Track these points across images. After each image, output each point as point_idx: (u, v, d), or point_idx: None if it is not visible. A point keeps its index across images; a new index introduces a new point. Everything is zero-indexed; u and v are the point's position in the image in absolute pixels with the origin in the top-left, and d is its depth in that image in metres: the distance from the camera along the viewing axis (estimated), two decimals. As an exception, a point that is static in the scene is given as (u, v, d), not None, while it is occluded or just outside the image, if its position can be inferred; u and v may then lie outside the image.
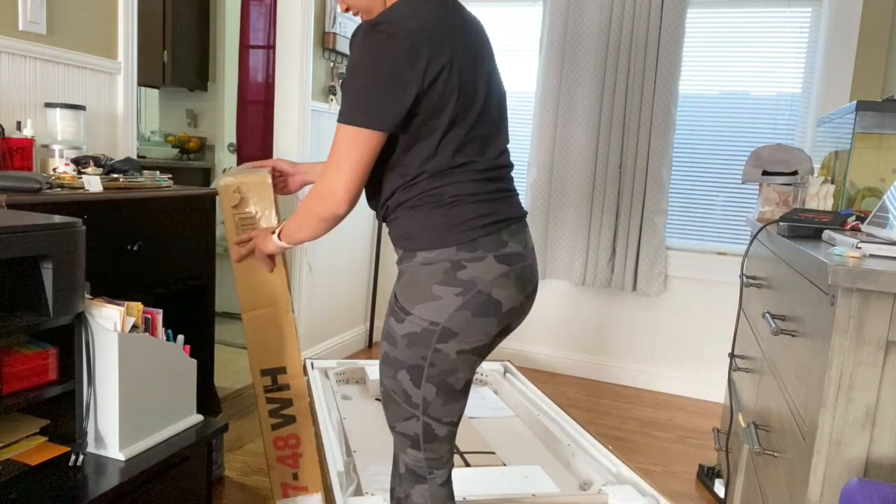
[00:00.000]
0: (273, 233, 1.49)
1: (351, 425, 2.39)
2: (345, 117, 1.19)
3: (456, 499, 1.57)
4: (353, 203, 1.24)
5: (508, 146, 1.36)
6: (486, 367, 2.98)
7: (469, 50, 1.25)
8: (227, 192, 1.62)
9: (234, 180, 1.62)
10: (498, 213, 1.27)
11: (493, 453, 2.24)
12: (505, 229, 1.27)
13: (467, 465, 2.13)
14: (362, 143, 1.19)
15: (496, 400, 2.86)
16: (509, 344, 3.52)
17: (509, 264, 1.25)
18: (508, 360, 3.13)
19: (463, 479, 1.98)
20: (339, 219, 1.27)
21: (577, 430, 2.37)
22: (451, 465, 1.39)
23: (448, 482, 1.38)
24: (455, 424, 1.35)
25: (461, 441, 2.25)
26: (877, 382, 0.97)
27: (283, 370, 1.69)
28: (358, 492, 1.86)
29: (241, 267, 1.65)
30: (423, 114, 1.20)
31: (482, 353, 1.29)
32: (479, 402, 2.79)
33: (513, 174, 1.36)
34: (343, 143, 1.20)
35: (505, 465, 2.15)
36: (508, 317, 1.28)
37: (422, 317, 1.24)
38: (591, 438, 2.30)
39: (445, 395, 1.28)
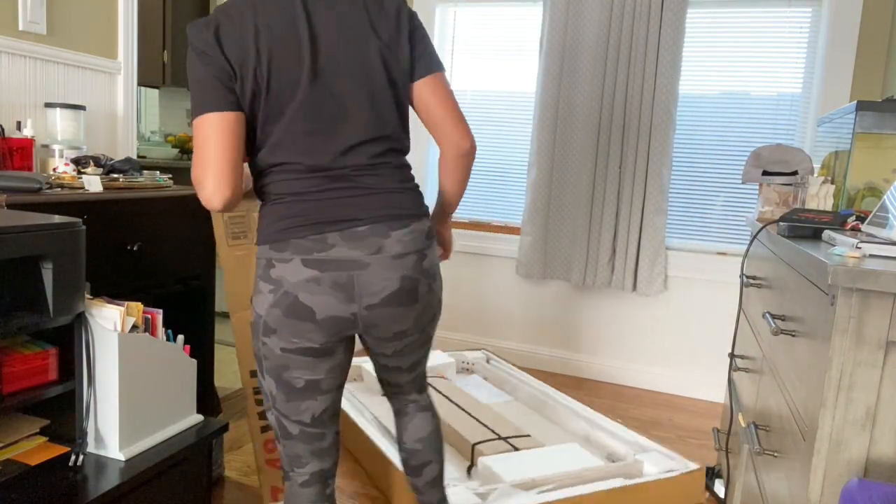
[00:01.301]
0: None
1: (389, 422, 2.44)
2: (193, 108, 1.20)
3: (533, 478, 1.69)
4: (225, 196, 1.18)
5: (391, 141, 1.26)
6: (470, 356, 3.13)
7: (294, 38, 1.17)
8: None
9: None
10: (329, 214, 1.19)
11: (528, 436, 2.32)
12: (337, 231, 1.18)
13: (515, 448, 2.21)
14: (214, 130, 1.17)
15: (490, 386, 2.98)
16: (509, 344, 3.52)
17: (321, 269, 1.17)
18: (507, 359, 3.14)
19: (524, 462, 2.09)
20: (220, 212, 1.23)
21: (581, 407, 2.59)
22: (321, 471, 1.33)
23: (311, 484, 1.32)
24: (308, 426, 1.28)
25: (498, 427, 2.32)
26: (877, 382, 0.97)
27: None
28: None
29: (229, 266, 1.65)
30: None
31: (318, 355, 1.22)
32: (475, 390, 2.89)
33: (407, 172, 1.29)
34: (196, 135, 1.20)
35: (545, 445, 2.25)
36: (339, 325, 1.20)
37: (254, 307, 1.24)
38: (597, 414, 2.52)
39: (286, 391, 1.26)
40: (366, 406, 2.56)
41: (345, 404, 2.46)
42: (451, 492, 1.87)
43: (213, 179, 1.15)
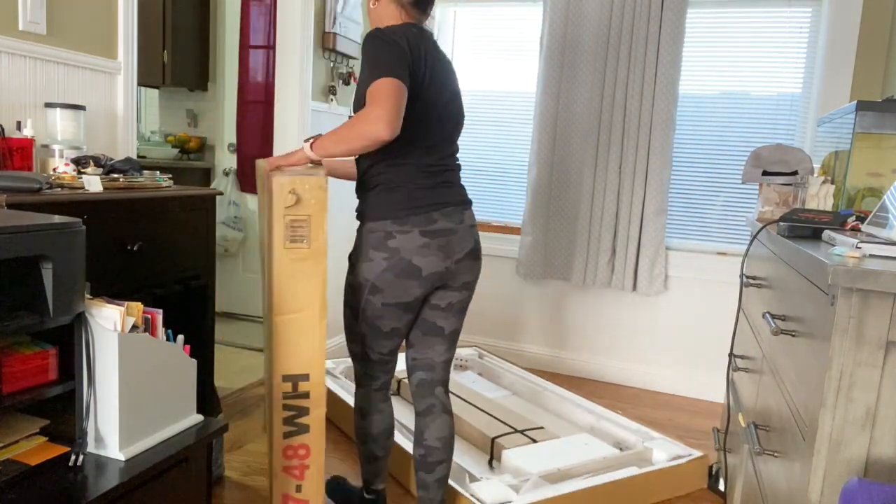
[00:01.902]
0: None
1: (405, 420, 2.48)
2: (379, 73, 1.48)
3: (558, 468, 2.02)
4: (393, 129, 1.46)
5: (458, 153, 1.75)
6: (463, 354, 3.23)
7: (440, 68, 1.63)
8: (282, 192, 1.55)
9: (291, 180, 1.56)
10: (435, 198, 1.64)
11: (542, 427, 2.40)
12: (437, 210, 1.63)
13: (533, 441, 2.29)
14: (396, 87, 1.47)
15: (486, 382, 3.03)
16: (509, 344, 3.52)
17: (432, 237, 1.62)
18: (507, 359, 3.16)
19: (545, 453, 2.17)
20: (379, 143, 1.48)
21: (578, 398, 2.70)
22: (387, 381, 1.84)
23: (381, 391, 1.84)
24: (385, 356, 1.78)
25: (511, 420, 2.43)
26: (877, 382, 0.97)
27: (306, 377, 1.64)
28: (473, 479, 2.02)
29: (281, 269, 1.59)
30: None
31: (409, 308, 1.69)
32: (472, 386, 2.93)
33: (460, 173, 1.75)
34: (381, 88, 1.47)
35: (559, 436, 2.34)
36: (433, 278, 1.65)
37: (362, 273, 1.65)
38: (595, 405, 2.62)
39: (375, 334, 1.72)
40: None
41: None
42: (484, 485, 1.94)
43: (392, 117, 1.46)
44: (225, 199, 3.89)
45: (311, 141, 1.60)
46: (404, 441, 2.22)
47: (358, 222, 1.70)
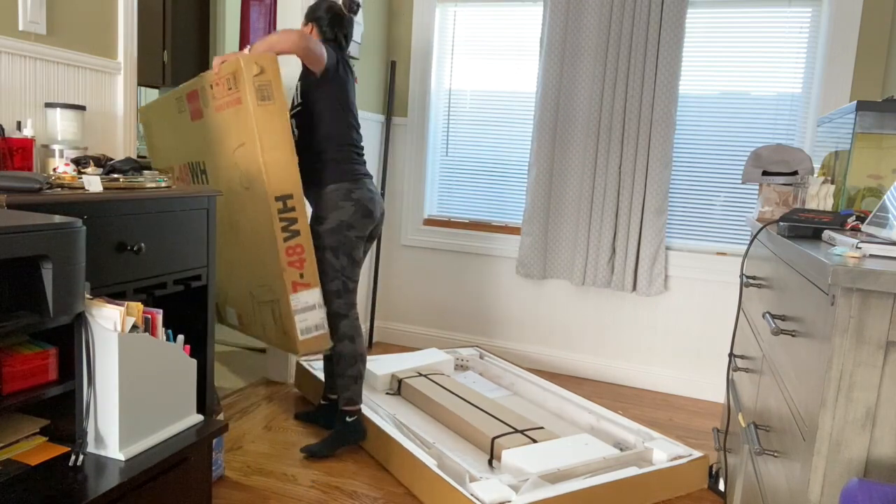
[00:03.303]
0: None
1: (405, 420, 2.52)
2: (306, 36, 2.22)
3: (558, 468, 2.09)
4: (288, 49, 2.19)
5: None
6: (463, 354, 3.27)
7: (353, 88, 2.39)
8: (249, 65, 2.09)
9: (253, 56, 2.11)
10: (365, 170, 2.40)
11: (542, 428, 2.39)
12: (369, 178, 2.38)
13: (533, 441, 2.28)
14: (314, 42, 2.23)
15: (487, 382, 3.05)
16: (509, 344, 3.52)
17: (373, 194, 2.36)
18: (507, 359, 3.15)
19: (545, 453, 2.17)
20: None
21: (578, 398, 2.72)
22: (356, 306, 2.39)
23: (357, 318, 2.37)
24: (356, 282, 2.37)
25: (511, 420, 2.44)
26: (877, 382, 0.97)
27: (290, 196, 2.19)
28: (472, 478, 2.02)
29: (259, 121, 2.15)
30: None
31: (369, 239, 2.44)
32: (472, 386, 2.92)
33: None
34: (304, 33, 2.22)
35: (559, 436, 2.33)
36: (374, 221, 2.37)
37: (334, 217, 2.30)
38: (595, 405, 2.64)
39: (352, 263, 2.33)
40: (378, 404, 2.58)
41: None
42: (483, 484, 1.94)
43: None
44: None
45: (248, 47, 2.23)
46: (405, 441, 2.22)
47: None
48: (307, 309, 2.35)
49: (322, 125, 2.32)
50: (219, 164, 2.38)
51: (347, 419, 2.34)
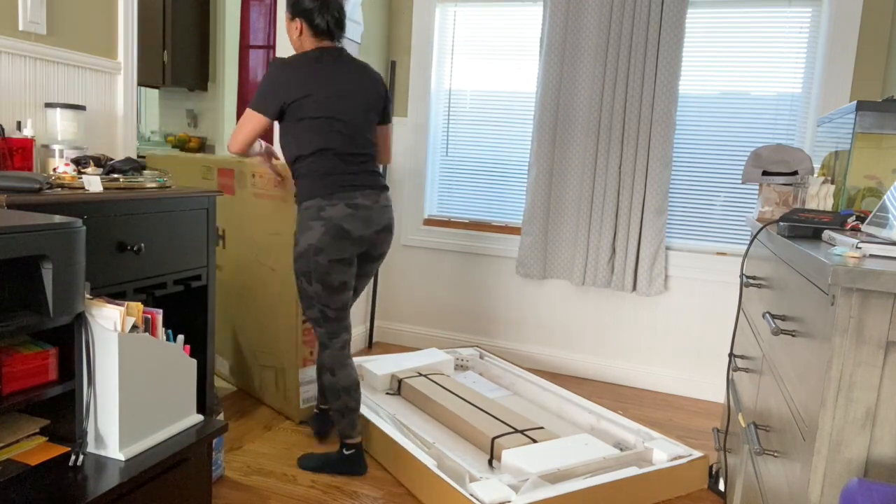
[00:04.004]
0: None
1: (405, 420, 2.51)
2: (251, 102, 2.07)
3: (558, 468, 2.08)
4: (239, 149, 2.09)
5: (370, 147, 2.16)
6: (464, 354, 3.26)
7: (330, 83, 2.06)
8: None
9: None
10: (354, 180, 2.08)
11: (542, 428, 2.39)
12: (359, 191, 2.08)
13: (533, 441, 2.28)
14: (253, 116, 2.06)
15: (487, 382, 3.06)
16: (509, 344, 3.52)
17: (356, 209, 2.07)
18: (507, 359, 3.15)
19: (545, 453, 2.17)
20: (235, 155, 2.14)
21: (578, 398, 2.72)
22: (346, 338, 2.18)
23: (344, 349, 2.17)
24: (339, 311, 2.14)
25: (511, 420, 2.43)
26: (877, 382, 0.97)
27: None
28: (472, 478, 2.02)
29: (261, 211, 2.59)
30: (290, 115, 2.07)
31: (347, 264, 2.10)
32: (472, 386, 2.93)
33: (372, 161, 2.16)
34: (244, 116, 2.08)
35: (559, 436, 2.32)
36: (361, 241, 2.10)
37: (303, 240, 2.07)
38: (595, 405, 2.64)
39: (327, 291, 2.10)
40: (378, 404, 2.58)
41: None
42: (483, 484, 1.94)
43: (240, 147, 2.15)
44: (225, 199, 3.90)
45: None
46: (405, 441, 2.22)
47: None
48: (311, 382, 2.58)
49: (286, 142, 2.12)
50: (243, 236, 2.71)
51: (345, 451, 2.19)
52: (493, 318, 3.55)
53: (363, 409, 2.46)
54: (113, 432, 1.40)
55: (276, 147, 2.75)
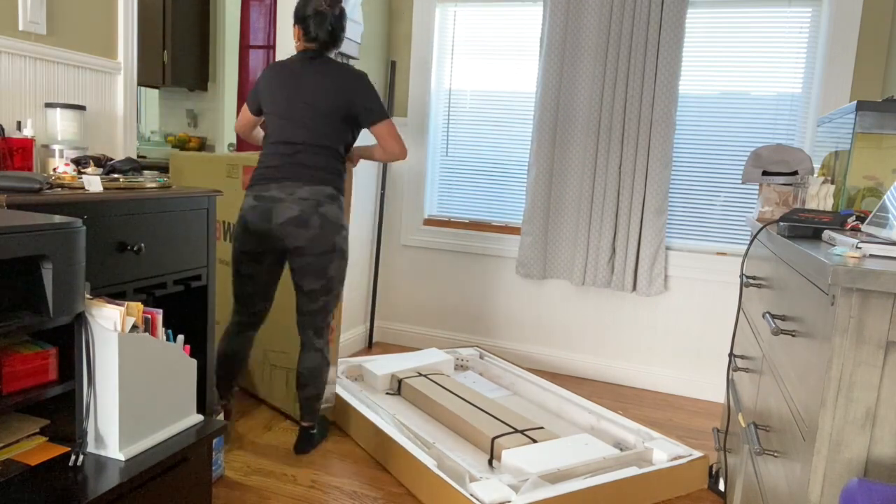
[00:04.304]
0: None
1: (405, 420, 2.52)
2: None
3: (558, 468, 2.08)
4: (240, 133, 2.44)
5: (312, 140, 2.18)
6: (463, 354, 3.26)
7: (287, 85, 2.20)
8: None
9: None
10: (274, 172, 2.15)
11: (542, 428, 2.39)
12: (275, 182, 2.14)
13: (533, 441, 2.28)
14: (244, 111, 2.38)
15: (487, 382, 3.06)
16: (509, 344, 3.52)
17: (260, 201, 2.15)
18: (507, 359, 3.15)
19: (545, 453, 2.17)
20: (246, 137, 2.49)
21: (577, 398, 2.72)
22: (242, 323, 2.31)
23: (235, 325, 2.32)
24: (240, 296, 2.28)
25: (511, 420, 2.44)
26: (877, 382, 0.97)
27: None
28: (472, 478, 2.02)
29: None
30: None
31: (251, 257, 2.20)
32: (472, 386, 2.94)
33: (309, 154, 2.17)
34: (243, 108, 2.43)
35: (559, 436, 2.33)
36: (264, 235, 2.16)
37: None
38: (595, 405, 2.65)
39: (234, 275, 2.26)
40: (378, 404, 2.59)
41: (358, 404, 2.53)
42: (483, 484, 1.94)
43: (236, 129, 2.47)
44: (225, 199, 3.90)
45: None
46: (405, 441, 2.22)
47: None
48: (328, 383, 2.56)
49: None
50: None
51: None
52: (493, 318, 3.55)
53: (363, 409, 2.47)
54: (113, 432, 1.40)
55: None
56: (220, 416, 2.31)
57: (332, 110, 2.18)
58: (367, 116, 2.25)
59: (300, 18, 2.22)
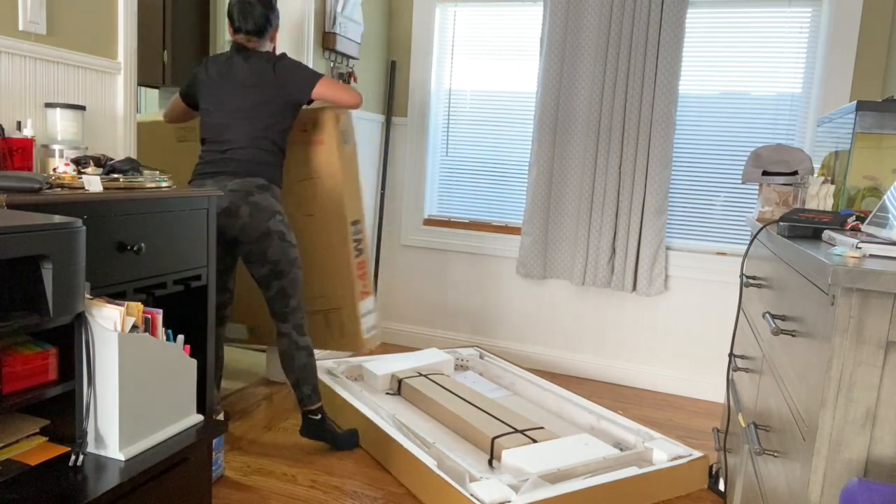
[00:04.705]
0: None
1: (405, 420, 2.51)
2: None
3: (558, 468, 2.08)
4: (167, 118, 2.57)
5: (241, 135, 2.26)
6: (463, 354, 3.28)
7: (216, 82, 2.30)
8: (331, 114, 2.49)
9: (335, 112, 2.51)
10: (211, 167, 2.26)
11: (542, 428, 2.39)
12: (210, 177, 2.24)
13: (533, 441, 2.28)
14: (175, 97, 2.50)
15: (487, 382, 3.07)
16: (509, 344, 3.52)
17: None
18: (507, 359, 3.15)
19: (545, 453, 2.17)
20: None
21: (577, 398, 2.72)
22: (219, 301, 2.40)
23: (217, 312, 2.37)
24: (215, 275, 2.23)
25: (511, 420, 2.43)
26: (877, 382, 0.97)
27: (358, 221, 2.60)
28: (472, 478, 2.02)
29: (342, 162, 2.53)
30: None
31: (226, 243, 2.31)
32: (472, 386, 2.94)
33: (239, 149, 2.24)
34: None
35: (559, 436, 2.32)
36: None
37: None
38: (595, 405, 2.65)
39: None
40: (378, 404, 2.58)
41: (358, 404, 2.53)
42: (483, 484, 1.94)
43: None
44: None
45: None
46: (405, 441, 2.22)
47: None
48: (368, 313, 2.71)
49: None
50: None
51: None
52: (493, 318, 3.55)
53: (363, 409, 2.46)
54: (113, 432, 1.40)
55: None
56: (220, 416, 2.30)
57: (261, 103, 2.25)
58: (305, 91, 2.28)
59: (228, 10, 2.32)
